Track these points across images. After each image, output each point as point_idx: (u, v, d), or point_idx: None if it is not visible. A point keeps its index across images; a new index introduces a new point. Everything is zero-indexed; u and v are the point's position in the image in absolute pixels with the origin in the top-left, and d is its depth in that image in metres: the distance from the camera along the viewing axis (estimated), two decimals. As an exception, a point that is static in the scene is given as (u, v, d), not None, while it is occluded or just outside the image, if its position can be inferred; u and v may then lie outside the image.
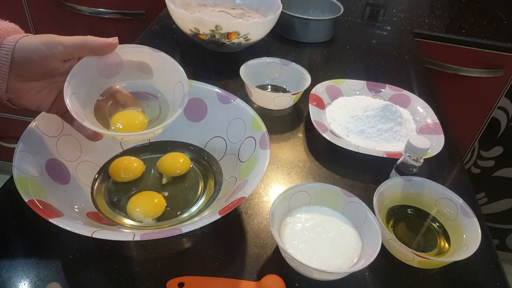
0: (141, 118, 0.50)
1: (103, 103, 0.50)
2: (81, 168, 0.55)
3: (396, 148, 0.69)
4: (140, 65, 0.50)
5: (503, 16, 1.31)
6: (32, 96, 0.45)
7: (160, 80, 0.51)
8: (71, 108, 0.43)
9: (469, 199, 0.59)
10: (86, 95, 0.48)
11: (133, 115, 0.50)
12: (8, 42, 0.42)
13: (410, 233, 0.55)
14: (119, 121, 0.49)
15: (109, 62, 0.48)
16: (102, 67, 0.48)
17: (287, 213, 0.53)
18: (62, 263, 0.48)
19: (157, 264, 0.49)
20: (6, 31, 0.43)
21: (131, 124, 0.50)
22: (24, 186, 0.45)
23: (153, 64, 0.50)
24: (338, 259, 0.48)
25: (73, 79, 0.45)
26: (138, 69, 0.51)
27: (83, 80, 0.47)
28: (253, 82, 0.78)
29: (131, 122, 0.50)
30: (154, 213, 0.53)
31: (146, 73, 0.51)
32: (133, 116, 0.50)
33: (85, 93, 0.48)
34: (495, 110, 1.26)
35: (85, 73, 0.47)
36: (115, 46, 0.46)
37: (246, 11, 0.98)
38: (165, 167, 0.59)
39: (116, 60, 0.49)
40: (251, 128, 0.58)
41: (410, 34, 1.15)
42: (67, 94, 0.44)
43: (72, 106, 0.44)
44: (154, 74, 0.51)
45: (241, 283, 0.47)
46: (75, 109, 0.44)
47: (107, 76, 0.50)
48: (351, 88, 0.82)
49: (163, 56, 0.50)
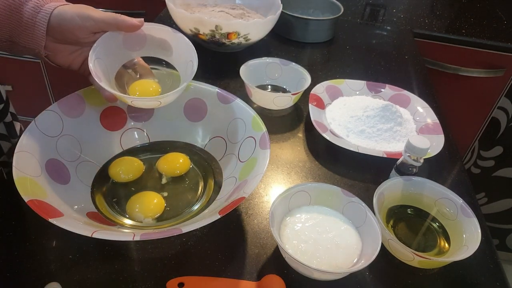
0: (155, 86, 0.57)
1: (124, 71, 0.57)
2: (81, 168, 0.55)
3: (396, 148, 0.69)
4: (160, 42, 0.56)
5: (503, 16, 1.31)
6: (65, 56, 0.53)
7: (176, 58, 0.57)
8: (92, 70, 0.50)
9: (469, 199, 0.59)
10: (109, 62, 0.54)
11: (148, 84, 0.57)
12: (48, 8, 0.48)
13: (410, 233, 0.55)
14: (136, 88, 0.56)
15: (133, 36, 0.54)
16: (126, 40, 0.54)
17: (287, 213, 0.53)
18: (62, 263, 0.48)
19: (157, 264, 0.49)
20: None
21: (146, 91, 0.56)
22: (24, 186, 0.45)
23: (172, 43, 0.56)
24: (338, 259, 0.48)
25: (98, 47, 0.52)
26: (158, 46, 0.56)
27: (108, 49, 0.53)
28: (253, 82, 0.78)
29: (146, 89, 0.56)
30: (153, 213, 0.53)
31: (165, 50, 0.56)
32: (148, 85, 0.57)
33: (109, 60, 0.54)
34: (495, 110, 1.26)
35: (111, 43, 0.53)
36: (140, 27, 0.52)
37: (246, 11, 0.98)
38: (165, 167, 0.59)
39: (140, 35, 0.54)
40: (251, 128, 0.58)
41: (410, 34, 1.15)
42: (91, 59, 0.50)
43: (94, 68, 0.50)
44: (173, 52, 0.56)
45: (241, 283, 0.47)
46: (96, 71, 0.50)
47: (131, 49, 0.56)
48: (351, 88, 0.82)
49: (181, 36, 0.55)
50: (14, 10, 0.48)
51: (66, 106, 0.56)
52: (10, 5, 0.48)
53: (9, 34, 0.49)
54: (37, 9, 0.48)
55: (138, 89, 0.56)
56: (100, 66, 0.52)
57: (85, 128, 0.57)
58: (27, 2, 0.48)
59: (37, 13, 0.48)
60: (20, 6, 0.48)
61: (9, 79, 1.48)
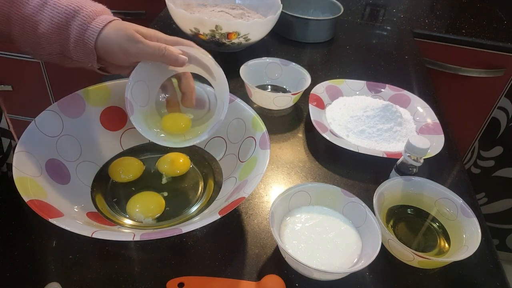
0: (186, 122, 0.57)
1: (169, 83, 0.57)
2: (81, 168, 0.55)
3: (396, 148, 0.69)
4: (204, 67, 0.55)
5: (503, 16, 1.31)
6: (115, 69, 0.54)
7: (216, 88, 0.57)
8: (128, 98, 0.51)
9: (469, 199, 0.59)
10: (151, 80, 0.55)
11: (180, 119, 0.58)
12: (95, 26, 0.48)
13: (410, 233, 0.55)
14: (168, 121, 0.57)
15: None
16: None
17: (287, 213, 0.53)
18: (62, 263, 0.48)
19: (157, 264, 0.49)
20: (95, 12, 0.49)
21: (176, 126, 0.57)
22: (24, 186, 0.45)
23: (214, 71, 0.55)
24: (338, 259, 0.48)
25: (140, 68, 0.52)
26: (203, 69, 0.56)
27: (151, 69, 0.53)
28: (253, 82, 0.78)
29: (177, 125, 0.57)
30: (153, 213, 0.53)
31: (209, 74, 0.56)
32: (180, 120, 0.58)
33: (150, 78, 0.55)
34: (495, 110, 1.26)
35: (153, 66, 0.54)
36: (183, 65, 0.52)
37: (246, 11, 0.98)
38: (165, 167, 0.59)
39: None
40: (251, 128, 0.58)
41: (410, 34, 1.15)
42: (129, 86, 0.52)
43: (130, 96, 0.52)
44: (216, 80, 0.55)
45: (241, 283, 0.47)
46: (131, 100, 0.52)
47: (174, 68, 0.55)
48: (351, 88, 0.82)
49: (221, 72, 0.54)
50: (62, 26, 0.48)
51: (66, 106, 0.56)
52: (58, 22, 0.47)
53: (60, 50, 0.50)
54: (85, 26, 0.48)
55: (170, 123, 0.57)
56: (141, 88, 0.54)
57: (85, 128, 0.57)
58: (74, 18, 0.48)
59: (84, 30, 0.48)
60: (68, 22, 0.48)
61: (9, 79, 1.48)
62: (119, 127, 0.62)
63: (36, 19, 0.47)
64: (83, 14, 0.48)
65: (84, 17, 0.48)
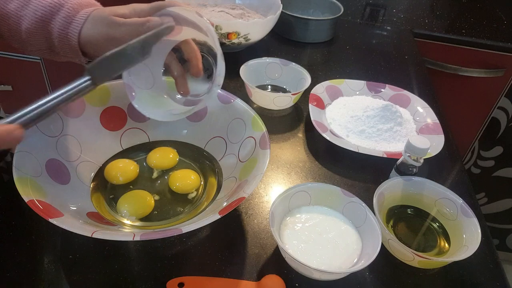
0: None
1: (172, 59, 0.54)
2: (81, 168, 0.55)
3: (396, 148, 0.69)
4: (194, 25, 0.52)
5: (503, 16, 1.31)
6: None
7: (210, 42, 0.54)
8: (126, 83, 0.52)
9: (469, 199, 0.59)
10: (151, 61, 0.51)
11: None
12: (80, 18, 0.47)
13: (410, 233, 0.55)
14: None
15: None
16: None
17: (287, 213, 0.53)
18: (62, 263, 0.48)
19: (157, 264, 0.49)
20: (79, 5, 0.48)
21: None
22: (24, 186, 0.45)
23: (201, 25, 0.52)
24: (338, 259, 0.48)
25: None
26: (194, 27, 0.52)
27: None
28: (253, 82, 0.78)
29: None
30: (140, 213, 0.53)
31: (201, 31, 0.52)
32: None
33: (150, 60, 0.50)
34: (495, 110, 1.26)
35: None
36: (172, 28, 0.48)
37: (246, 11, 0.98)
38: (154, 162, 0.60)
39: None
40: (251, 128, 0.58)
41: (410, 34, 1.15)
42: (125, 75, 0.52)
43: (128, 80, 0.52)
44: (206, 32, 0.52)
45: (241, 283, 0.47)
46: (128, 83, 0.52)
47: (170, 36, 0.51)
48: (351, 88, 0.82)
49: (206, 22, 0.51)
50: (46, 20, 0.48)
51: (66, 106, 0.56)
52: (42, 16, 0.47)
53: (47, 45, 0.49)
54: (68, 20, 0.47)
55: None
56: (141, 70, 0.53)
57: (85, 128, 0.57)
58: (58, 13, 0.47)
59: (68, 24, 0.47)
60: (52, 16, 0.47)
61: (9, 79, 1.48)
62: (119, 127, 0.62)
63: (20, 14, 0.48)
64: (67, 7, 0.48)
65: (68, 10, 0.48)
